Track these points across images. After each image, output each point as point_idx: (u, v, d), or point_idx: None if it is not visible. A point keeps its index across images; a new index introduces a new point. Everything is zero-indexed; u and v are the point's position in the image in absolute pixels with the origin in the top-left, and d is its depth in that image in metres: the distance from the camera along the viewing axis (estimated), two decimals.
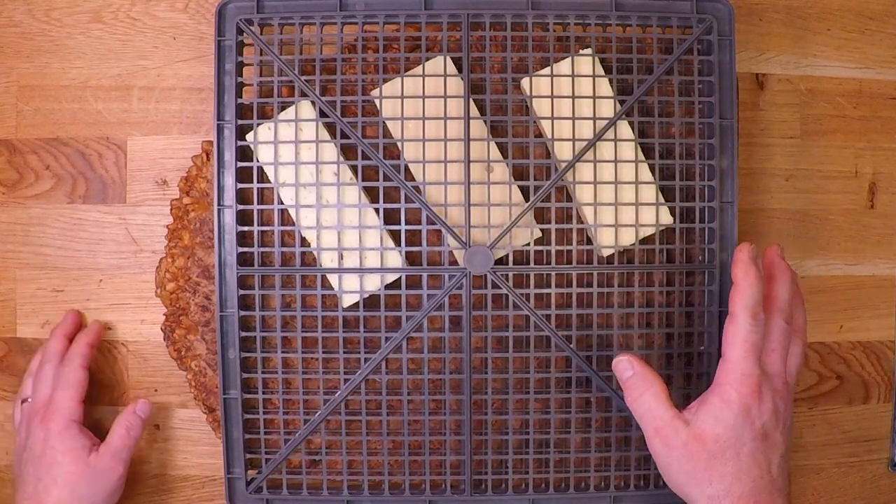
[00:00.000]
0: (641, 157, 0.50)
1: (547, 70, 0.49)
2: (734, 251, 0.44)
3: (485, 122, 0.50)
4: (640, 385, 0.44)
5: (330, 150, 0.50)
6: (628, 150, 0.50)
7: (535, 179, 0.49)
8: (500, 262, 0.50)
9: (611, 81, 0.50)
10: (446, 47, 0.50)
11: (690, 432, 0.42)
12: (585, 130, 0.49)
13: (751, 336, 0.42)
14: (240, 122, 0.49)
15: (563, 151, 0.49)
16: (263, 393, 0.50)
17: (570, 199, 0.51)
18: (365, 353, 0.49)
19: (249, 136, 0.50)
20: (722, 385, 0.42)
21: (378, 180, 0.49)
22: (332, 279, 0.50)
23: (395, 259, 0.50)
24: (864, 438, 0.59)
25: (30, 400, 0.52)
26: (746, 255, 0.43)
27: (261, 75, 0.50)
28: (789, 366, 0.44)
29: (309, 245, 0.50)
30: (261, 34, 0.49)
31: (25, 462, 0.49)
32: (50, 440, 0.49)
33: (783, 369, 0.44)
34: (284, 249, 0.49)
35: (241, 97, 0.50)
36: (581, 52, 0.50)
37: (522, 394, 0.50)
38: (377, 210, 0.49)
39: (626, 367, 0.45)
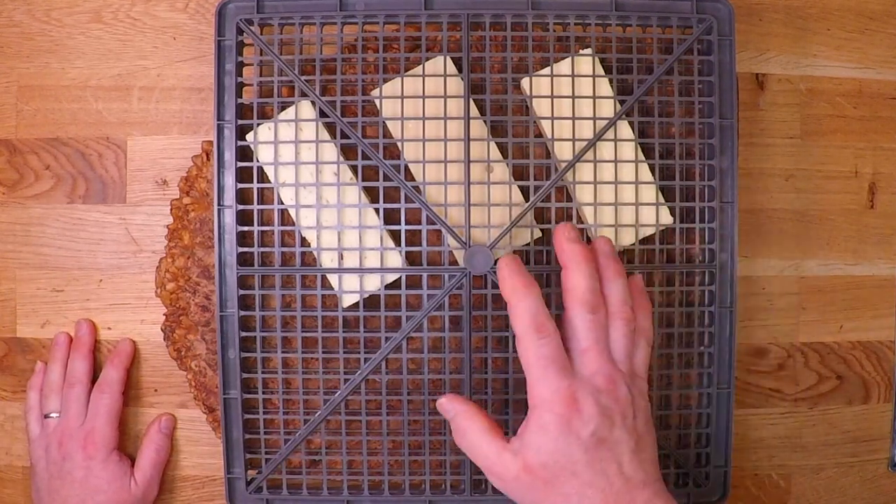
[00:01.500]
0: (641, 157, 0.50)
1: (547, 70, 0.49)
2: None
3: (485, 122, 0.50)
4: (462, 423, 0.42)
5: (330, 150, 0.50)
6: (628, 150, 0.50)
7: (535, 179, 0.49)
8: None
9: (611, 81, 0.50)
10: (446, 47, 0.50)
11: (518, 464, 0.40)
12: (585, 130, 0.49)
13: (541, 350, 0.40)
14: (240, 122, 0.49)
15: (563, 151, 0.49)
16: (263, 393, 0.50)
17: (570, 199, 0.51)
18: (365, 353, 0.49)
19: (249, 136, 0.50)
20: (534, 409, 0.40)
21: (378, 180, 0.49)
22: (332, 279, 0.50)
23: (395, 259, 0.50)
24: (864, 438, 0.59)
25: (54, 416, 0.53)
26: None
27: (261, 75, 0.50)
28: (635, 361, 0.42)
29: (309, 245, 0.50)
30: (261, 34, 0.49)
31: (62, 483, 0.51)
32: (93, 469, 0.51)
33: (605, 363, 0.41)
34: (284, 249, 0.49)
35: (241, 97, 0.50)
36: (581, 52, 0.50)
37: (522, 394, 0.50)
38: (377, 210, 0.49)
39: (448, 409, 0.43)
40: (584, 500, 0.39)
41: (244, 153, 0.50)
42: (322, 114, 0.49)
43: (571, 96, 0.49)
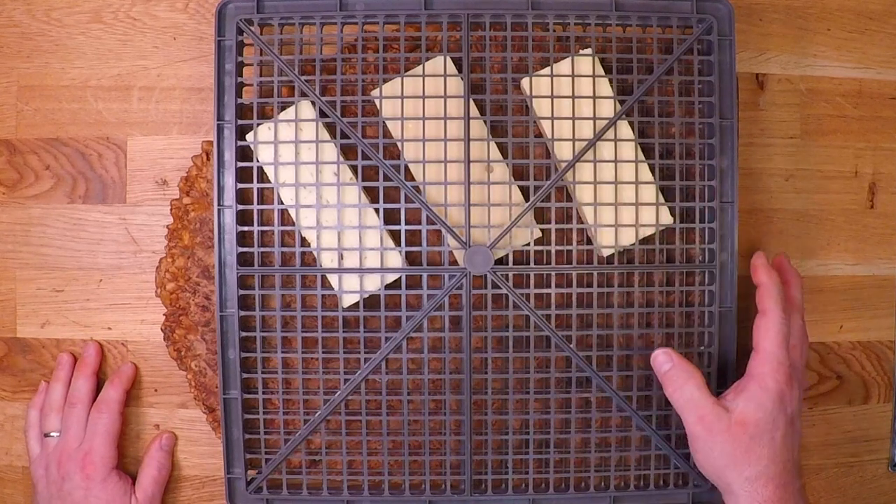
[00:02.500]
0: (641, 157, 0.50)
1: (547, 70, 0.49)
2: (751, 259, 0.48)
3: (485, 122, 0.50)
4: (680, 376, 0.46)
5: (330, 150, 0.50)
6: (628, 150, 0.50)
7: (535, 179, 0.49)
8: (500, 262, 0.50)
9: (611, 81, 0.50)
10: (446, 47, 0.50)
11: (732, 418, 0.45)
12: (585, 130, 0.49)
13: (782, 328, 0.46)
14: (240, 122, 0.49)
15: (563, 151, 0.49)
16: (263, 393, 0.50)
17: (570, 199, 0.51)
18: (365, 353, 0.49)
19: (249, 136, 0.50)
20: (759, 374, 0.45)
21: (378, 180, 0.49)
22: (332, 279, 0.50)
23: (395, 259, 0.50)
24: (864, 438, 0.59)
25: (54, 435, 0.53)
26: (764, 259, 0.48)
27: (261, 75, 0.50)
28: (803, 361, 0.48)
29: (309, 245, 0.50)
30: (261, 34, 0.49)
31: (62, 503, 0.52)
32: (93, 489, 0.52)
33: (802, 363, 0.48)
34: (284, 249, 0.49)
35: (241, 97, 0.50)
36: (581, 52, 0.50)
37: (522, 394, 0.50)
38: (377, 210, 0.49)
39: (665, 360, 0.47)
40: (771, 466, 0.44)
41: (244, 153, 0.50)
42: (322, 114, 0.49)
43: (571, 96, 0.49)
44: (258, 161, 0.49)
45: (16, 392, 0.56)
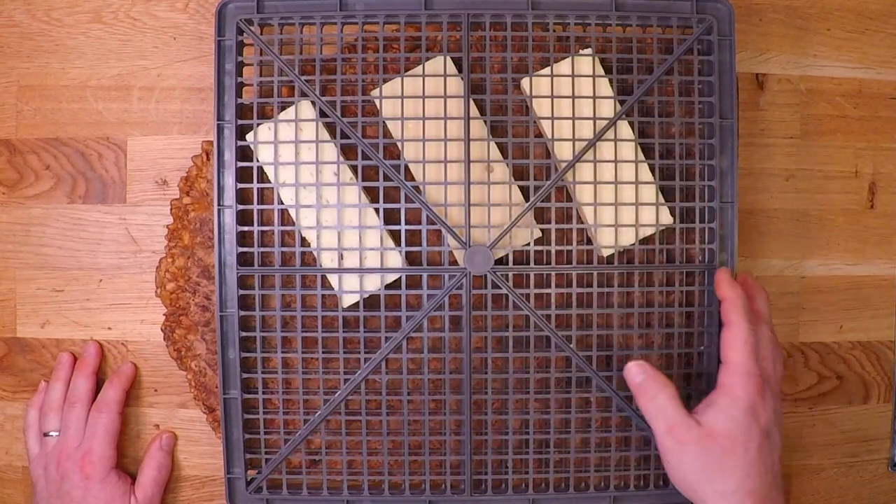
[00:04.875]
0: (641, 157, 0.50)
1: (547, 70, 0.49)
2: (715, 275, 0.48)
3: (485, 122, 0.50)
4: (652, 387, 0.45)
5: (330, 150, 0.50)
6: (628, 150, 0.50)
7: (535, 179, 0.49)
8: (500, 262, 0.50)
9: (611, 81, 0.50)
10: (446, 47, 0.50)
11: (703, 430, 0.43)
12: (585, 130, 0.49)
13: (749, 338, 0.44)
14: (240, 122, 0.49)
15: (563, 151, 0.49)
16: (263, 393, 0.50)
17: (570, 199, 0.51)
18: (365, 353, 0.49)
19: (249, 136, 0.49)
20: (728, 385, 0.44)
21: (378, 180, 0.49)
22: (332, 279, 0.50)
23: (395, 259, 0.50)
24: (864, 438, 0.59)
25: (53, 434, 0.53)
26: (728, 275, 0.47)
27: (261, 75, 0.50)
28: (776, 372, 0.46)
29: (309, 245, 0.50)
30: (261, 34, 0.49)
31: (61, 502, 0.52)
32: (91, 489, 0.51)
33: (775, 375, 0.46)
34: (284, 249, 0.49)
35: (241, 97, 0.50)
36: (581, 52, 0.50)
37: (522, 394, 0.50)
38: (377, 210, 0.49)
39: (638, 372, 0.46)
40: (746, 480, 0.43)
41: (244, 153, 0.50)
42: (322, 114, 0.49)
43: (571, 96, 0.49)
44: (258, 161, 0.49)
45: (16, 392, 0.56)
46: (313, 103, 0.49)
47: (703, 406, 0.45)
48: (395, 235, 0.50)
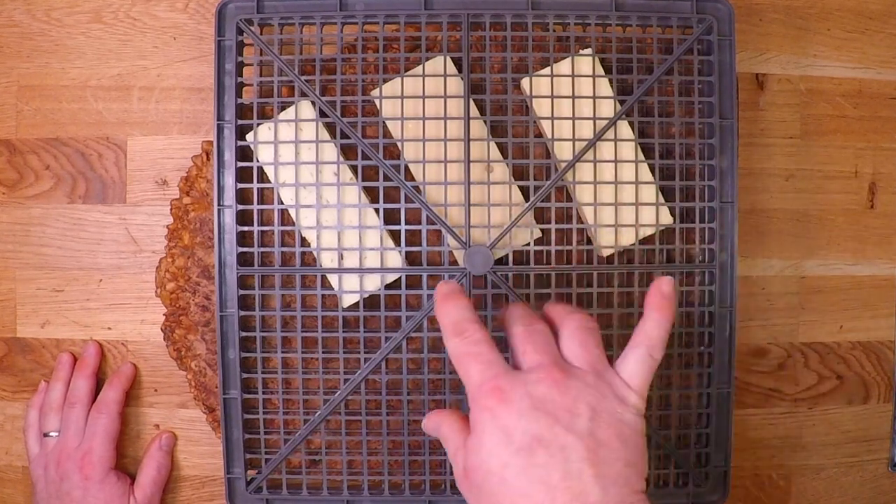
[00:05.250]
0: (641, 157, 0.50)
1: (547, 70, 0.49)
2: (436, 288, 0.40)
3: (485, 122, 0.50)
4: (434, 418, 0.39)
5: (330, 150, 0.50)
6: (628, 150, 0.50)
7: (535, 179, 0.49)
8: (500, 262, 0.50)
9: (611, 81, 0.50)
10: (446, 47, 0.50)
11: (459, 465, 0.36)
12: (585, 130, 0.49)
13: (459, 348, 0.37)
14: (240, 122, 0.49)
15: (563, 151, 0.49)
16: (263, 393, 0.50)
17: (570, 199, 0.51)
18: (365, 353, 0.49)
19: (249, 136, 0.50)
20: (470, 409, 0.36)
21: (378, 180, 0.49)
22: (332, 279, 0.50)
23: (395, 259, 0.50)
24: (864, 438, 0.59)
25: (53, 435, 0.53)
26: (448, 288, 0.40)
27: (261, 75, 0.50)
28: (619, 367, 0.38)
29: (309, 245, 0.50)
30: (261, 34, 0.49)
31: (61, 503, 0.51)
32: (91, 489, 0.51)
33: (546, 356, 0.36)
34: (284, 249, 0.49)
35: (241, 97, 0.50)
36: (581, 52, 0.50)
37: None
38: (377, 210, 0.49)
39: (432, 422, 0.40)
40: None
41: (244, 153, 0.50)
42: (322, 114, 0.49)
43: (571, 96, 0.49)
44: (258, 161, 0.49)
45: (16, 392, 0.56)
46: (313, 103, 0.49)
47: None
48: (395, 235, 0.50)
